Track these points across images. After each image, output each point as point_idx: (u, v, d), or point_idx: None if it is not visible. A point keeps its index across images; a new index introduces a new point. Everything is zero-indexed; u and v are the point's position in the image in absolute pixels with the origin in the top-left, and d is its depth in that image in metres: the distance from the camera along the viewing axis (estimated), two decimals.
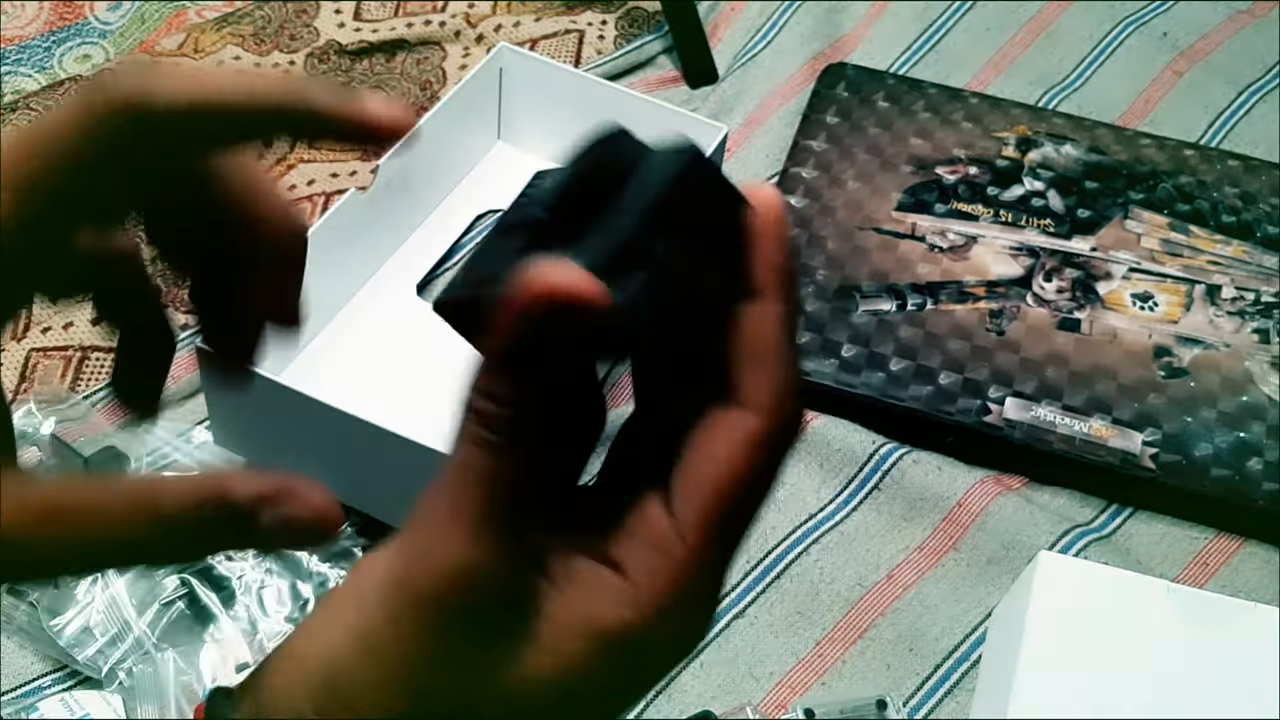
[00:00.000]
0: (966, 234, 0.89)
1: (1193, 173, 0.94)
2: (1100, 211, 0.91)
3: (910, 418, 0.80)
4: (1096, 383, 0.82)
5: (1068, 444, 0.79)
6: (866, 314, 0.84)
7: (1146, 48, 1.07)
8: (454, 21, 1.04)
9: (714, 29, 1.06)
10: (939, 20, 1.08)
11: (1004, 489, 0.79)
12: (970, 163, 0.93)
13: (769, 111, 1.00)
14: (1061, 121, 0.97)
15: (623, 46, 1.05)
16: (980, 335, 0.83)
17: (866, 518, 0.78)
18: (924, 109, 0.97)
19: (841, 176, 0.92)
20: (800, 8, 1.07)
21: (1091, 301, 0.86)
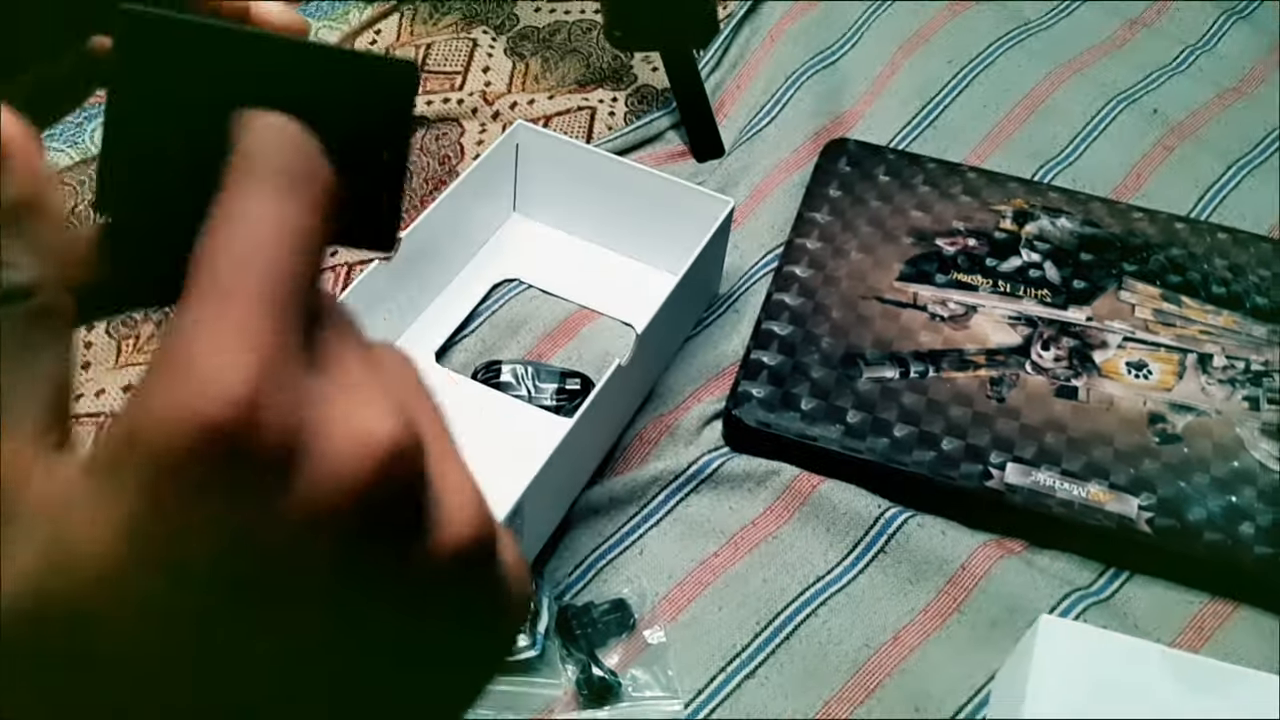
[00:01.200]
0: (966, 304, 0.92)
1: (1184, 245, 0.97)
2: (1095, 282, 0.94)
3: (914, 482, 0.83)
4: (1094, 448, 0.84)
5: (1067, 508, 0.81)
6: (871, 381, 0.87)
7: (1138, 124, 1.11)
8: (471, 99, 1.08)
9: (720, 105, 1.10)
10: (937, 97, 1.11)
11: (1006, 552, 0.81)
12: (969, 235, 0.97)
13: (774, 184, 1.03)
14: (1057, 195, 1.01)
15: (632, 122, 1.08)
16: (981, 402, 0.86)
17: (873, 580, 0.80)
18: (924, 183, 1.00)
19: (845, 247, 0.95)
20: (804, 85, 1.11)
21: (1088, 370, 0.89)
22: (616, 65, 1.13)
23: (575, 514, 0.82)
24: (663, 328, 0.85)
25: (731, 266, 0.96)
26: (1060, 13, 1.21)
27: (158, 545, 0.23)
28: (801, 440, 0.84)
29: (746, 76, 1.12)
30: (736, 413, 0.85)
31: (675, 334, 0.91)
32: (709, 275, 0.93)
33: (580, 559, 0.81)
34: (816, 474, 0.84)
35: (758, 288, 0.95)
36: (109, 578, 0.23)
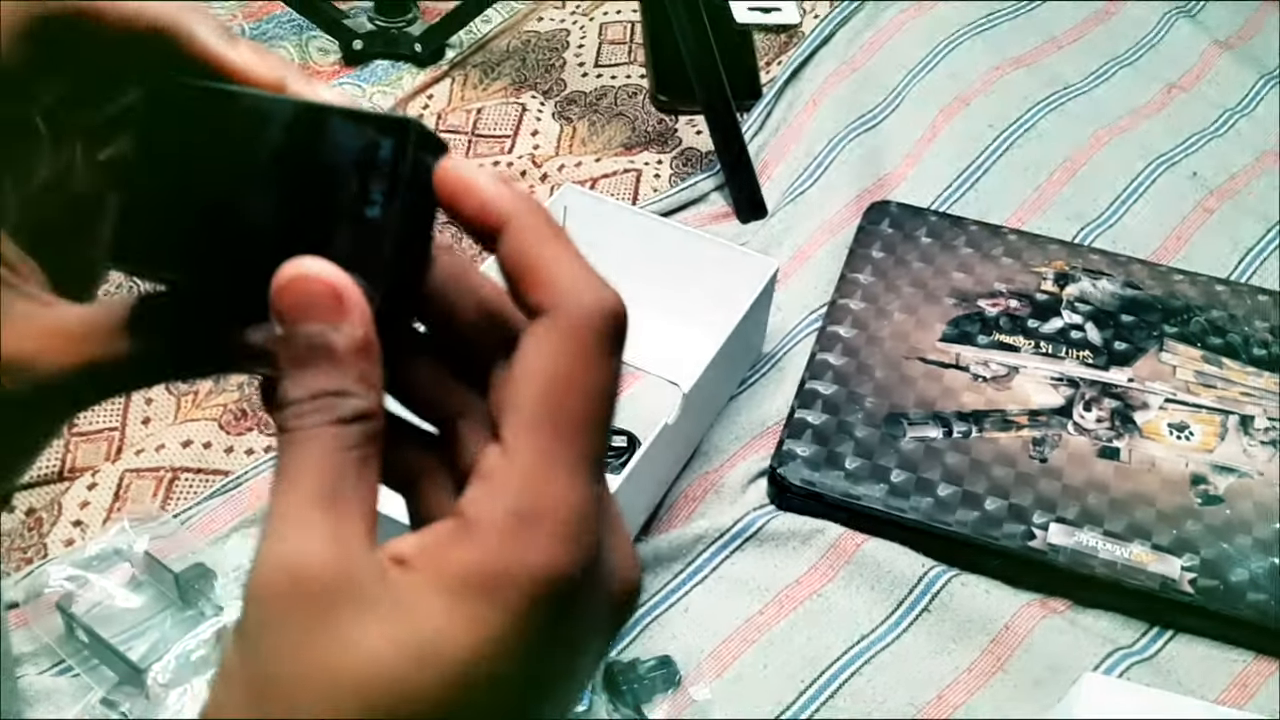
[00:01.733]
0: (1008, 364, 0.93)
1: (1224, 307, 0.98)
2: (1136, 344, 0.95)
3: (958, 542, 0.83)
4: (1136, 509, 0.85)
5: (1110, 569, 0.82)
6: (914, 440, 0.88)
7: (1177, 186, 1.12)
8: (521, 161, 1.10)
9: (763, 167, 1.12)
10: (978, 160, 1.13)
11: (1049, 612, 0.82)
12: (1011, 296, 0.98)
13: (816, 246, 1.05)
14: (1097, 257, 1.02)
15: (677, 184, 1.10)
16: (1024, 462, 0.87)
17: (917, 639, 0.81)
18: (965, 244, 1.02)
19: (887, 308, 0.97)
20: (846, 148, 1.13)
21: (1130, 431, 0.89)
22: (661, 128, 1.16)
23: None
24: (708, 387, 0.87)
25: (775, 326, 0.98)
26: (1099, 77, 1.22)
27: (512, 656, 0.30)
28: (846, 499, 0.85)
29: (789, 139, 1.14)
30: (781, 471, 0.86)
31: (720, 393, 0.93)
32: (753, 335, 0.95)
33: None
34: (860, 533, 0.85)
35: (801, 347, 0.97)
36: (473, 679, 0.29)
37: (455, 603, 0.29)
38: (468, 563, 0.29)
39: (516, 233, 0.32)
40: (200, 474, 0.86)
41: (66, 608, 0.76)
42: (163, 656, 0.75)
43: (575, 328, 0.31)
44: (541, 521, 0.29)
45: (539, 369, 0.30)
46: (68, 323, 0.34)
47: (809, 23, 1.27)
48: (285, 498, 0.30)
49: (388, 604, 0.29)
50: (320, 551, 0.29)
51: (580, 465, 0.30)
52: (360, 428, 0.31)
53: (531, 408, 0.30)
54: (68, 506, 0.84)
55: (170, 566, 0.78)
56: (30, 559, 0.81)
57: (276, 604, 0.29)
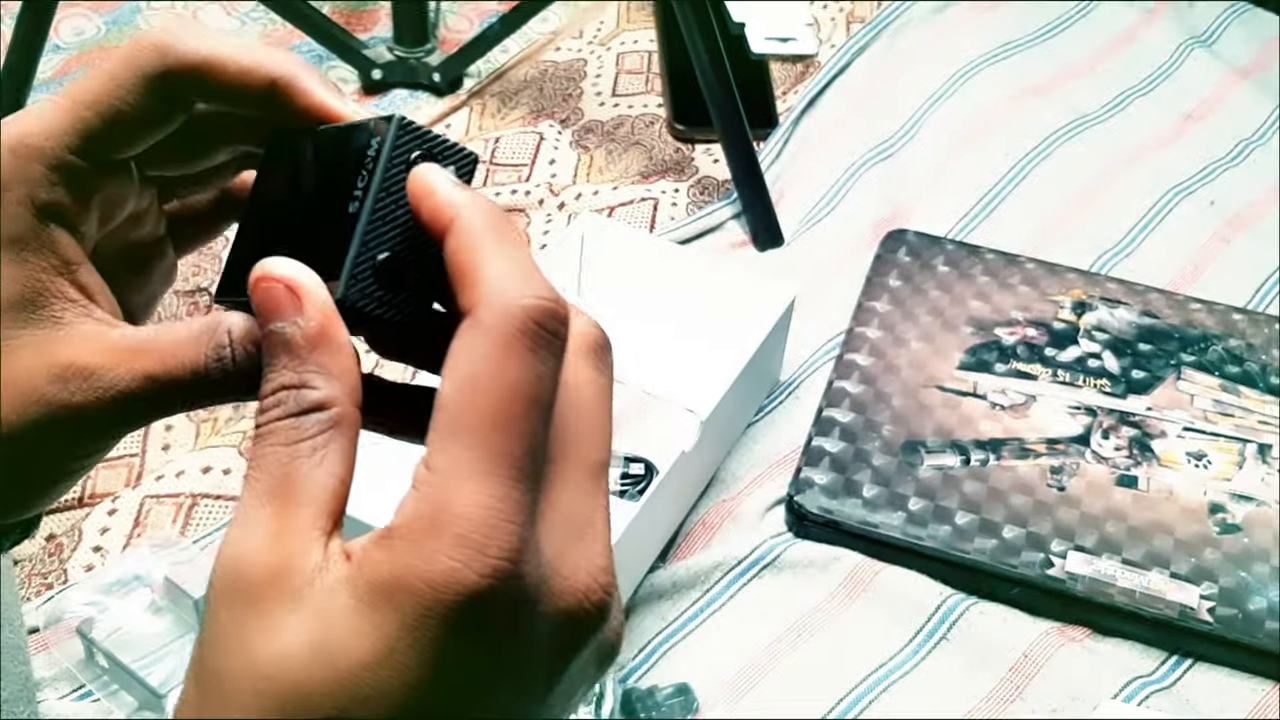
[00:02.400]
0: (1026, 393, 0.93)
1: (1242, 336, 0.98)
2: (1154, 372, 0.95)
3: (976, 570, 0.83)
4: (1154, 538, 0.85)
5: (1128, 597, 0.82)
6: (932, 469, 0.88)
7: (1194, 215, 1.12)
8: (538, 190, 1.11)
9: (780, 196, 1.12)
10: (994, 189, 1.13)
11: (1068, 640, 0.82)
12: (1028, 325, 0.98)
13: (833, 274, 1.05)
14: (1114, 286, 1.02)
15: (695, 213, 1.11)
16: (1042, 491, 0.87)
17: (936, 666, 0.81)
18: (982, 273, 1.02)
19: (905, 336, 0.97)
20: (862, 176, 1.13)
21: (1148, 459, 0.89)
22: (678, 157, 1.16)
23: (639, 598, 0.83)
24: (726, 414, 0.87)
25: (792, 354, 0.98)
26: (1116, 107, 1.23)
27: (406, 669, 0.28)
28: (863, 527, 0.85)
29: (806, 168, 1.15)
30: (799, 499, 0.87)
31: (738, 420, 0.93)
32: (771, 363, 0.95)
33: (644, 642, 0.82)
34: (878, 561, 0.85)
35: (819, 375, 0.97)
36: (365, 689, 0.28)
37: (360, 608, 0.29)
38: (377, 568, 0.29)
39: (456, 232, 0.32)
40: (220, 500, 0.87)
41: (87, 633, 0.76)
42: (182, 682, 0.75)
43: (490, 326, 0.30)
44: (444, 530, 0.28)
45: (454, 371, 0.30)
46: (130, 340, 0.35)
47: (825, 52, 1.28)
48: (243, 493, 0.31)
49: (311, 602, 0.29)
50: (259, 547, 0.30)
51: (495, 469, 0.29)
52: (317, 418, 0.31)
53: (446, 411, 0.30)
54: (88, 532, 0.84)
55: (190, 592, 0.78)
56: (51, 584, 0.82)
57: (218, 599, 0.30)
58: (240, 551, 0.30)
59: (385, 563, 0.29)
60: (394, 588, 0.28)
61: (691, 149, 1.17)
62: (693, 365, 0.97)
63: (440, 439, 0.29)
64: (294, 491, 0.30)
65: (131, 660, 0.76)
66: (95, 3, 1.29)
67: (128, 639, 0.77)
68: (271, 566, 0.30)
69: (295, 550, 0.30)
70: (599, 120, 1.20)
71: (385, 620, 0.28)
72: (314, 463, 0.31)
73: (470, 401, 0.29)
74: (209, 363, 0.35)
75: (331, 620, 0.29)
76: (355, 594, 0.29)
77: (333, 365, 0.32)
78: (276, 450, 0.31)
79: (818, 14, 1.33)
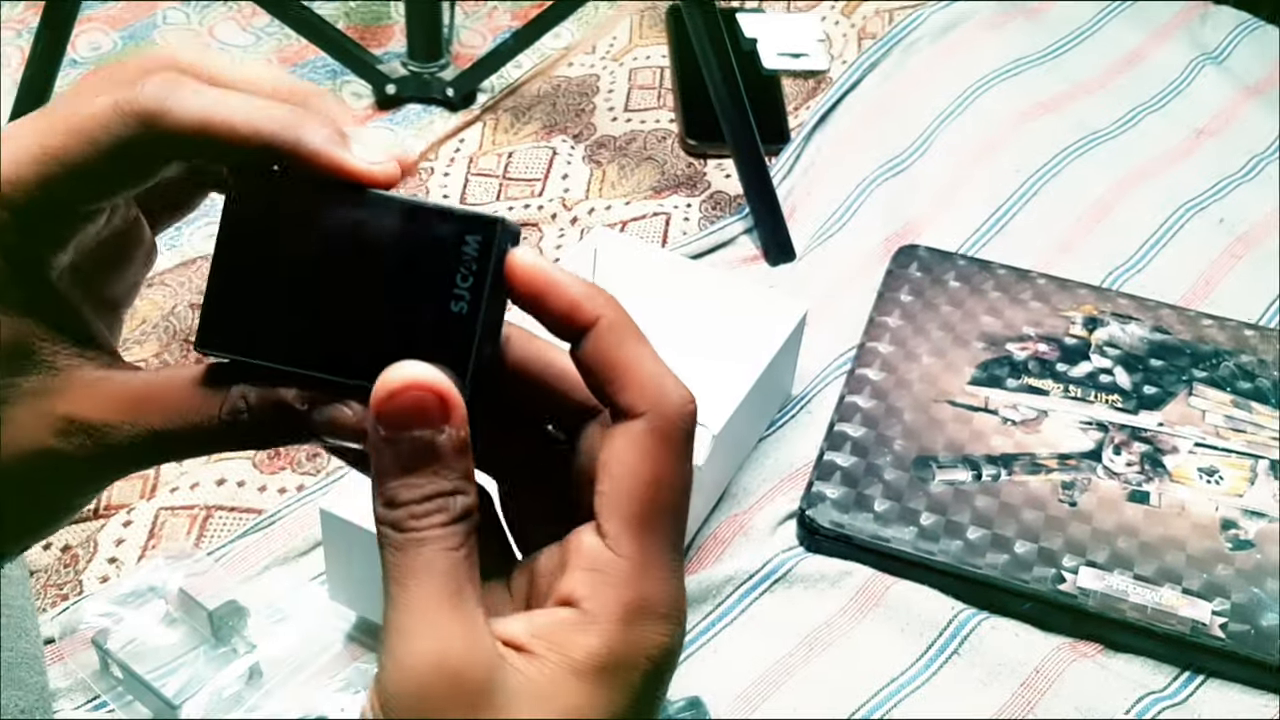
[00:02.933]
0: (1038, 408, 0.93)
1: (1253, 352, 0.98)
2: (1165, 388, 0.95)
3: (988, 585, 0.83)
4: (1166, 553, 0.85)
5: (1140, 613, 0.82)
6: (943, 483, 0.88)
7: (1206, 231, 1.12)
8: (551, 205, 1.11)
9: (791, 211, 1.13)
10: (1005, 204, 1.14)
11: (1080, 655, 0.82)
12: (1040, 340, 0.98)
13: (844, 289, 1.06)
14: (1126, 301, 1.02)
15: (706, 227, 1.11)
16: (1054, 506, 0.87)
17: (947, 681, 0.81)
18: (994, 288, 1.02)
19: (916, 351, 0.97)
20: (874, 192, 1.14)
21: (1159, 475, 0.89)
22: (690, 172, 1.17)
23: None
24: (737, 428, 0.87)
25: (803, 369, 0.98)
26: (1127, 123, 1.23)
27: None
28: (875, 541, 0.85)
29: (817, 183, 1.15)
30: (810, 513, 0.87)
31: (749, 435, 0.93)
32: (783, 377, 0.96)
33: None
34: (890, 575, 0.85)
35: (830, 390, 0.97)
36: None
37: (588, 687, 0.33)
38: (594, 650, 0.33)
39: (605, 333, 0.35)
40: (234, 512, 0.87)
41: (102, 644, 0.77)
42: (196, 693, 0.75)
43: (666, 431, 0.34)
44: (652, 611, 0.34)
45: (636, 470, 0.34)
46: (133, 391, 0.35)
47: (837, 68, 1.28)
48: (414, 597, 0.33)
49: (529, 692, 0.33)
50: (463, 649, 0.32)
51: (674, 552, 0.35)
52: (471, 522, 0.34)
53: (632, 507, 0.34)
54: (103, 543, 0.85)
55: (204, 604, 0.79)
56: (66, 595, 0.82)
57: (435, 702, 0.32)
58: (447, 653, 0.32)
59: (605, 646, 0.33)
60: (620, 666, 0.33)
61: (703, 164, 1.18)
62: (704, 379, 0.97)
63: (631, 531, 0.34)
64: (468, 594, 0.33)
65: (146, 671, 0.76)
66: (118, 4, 1.30)
67: (142, 650, 0.78)
68: (485, 664, 0.32)
69: (491, 647, 0.33)
70: (612, 135, 1.20)
71: (616, 693, 0.33)
72: (472, 564, 0.33)
73: (658, 499, 0.34)
74: (221, 424, 0.35)
75: (560, 703, 0.33)
76: (581, 675, 0.33)
77: (472, 469, 0.34)
78: (445, 555, 0.33)
79: (829, 30, 1.34)
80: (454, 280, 0.34)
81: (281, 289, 0.35)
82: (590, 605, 0.33)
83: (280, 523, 0.87)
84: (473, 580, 0.33)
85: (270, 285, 0.35)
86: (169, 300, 1.00)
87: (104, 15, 1.30)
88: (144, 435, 0.35)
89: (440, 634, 0.32)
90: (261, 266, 0.35)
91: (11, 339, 0.35)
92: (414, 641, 0.32)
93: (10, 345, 0.35)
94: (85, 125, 0.34)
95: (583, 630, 0.33)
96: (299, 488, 0.89)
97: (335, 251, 0.34)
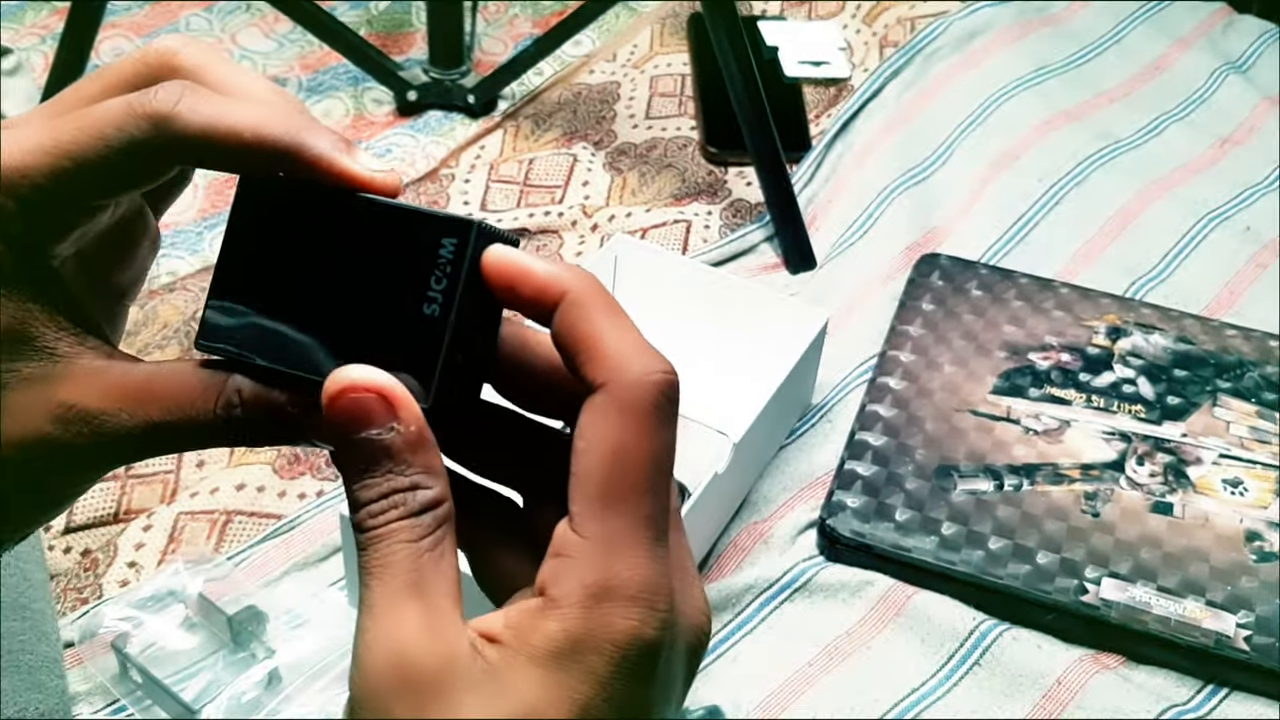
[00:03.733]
0: (1060, 418, 0.93)
1: (1278, 362, 0.98)
2: (1189, 399, 0.95)
3: (1009, 596, 0.83)
4: (1190, 565, 0.84)
5: (1163, 625, 0.81)
6: (965, 493, 0.88)
7: (1230, 241, 1.11)
8: (571, 212, 1.11)
9: (812, 219, 1.12)
10: (1027, 213, 1.13)
11: (1102, 667, 0.81)
12: (1062, 350, 0.98)
13: (865, 297, 1.05)
14: (1149, 311, 1.01)
15: (727, 235, 1.11)
16: (1076, 516, 0.86)
17: (968, 692, 0.80)
18: (1016, 297, 1.02)
19: (938, 360, 0.97)
20: (895, 200, 1.13)
21: (1183, 486, 0.89)
22: (711, 180, 1.17)
23: None
24: (758, 437, 0.87)
25: (824, 377, 0.98)
26: (1150, 132, 1.22)
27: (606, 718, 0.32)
28: (896, 551, 0.85)
29: (839, 191, 1.15)
30: (831, 522, 0.86)
31: (770, 443, 0.93)
32: (803, 385, 0.95)
33: None
34: (911, 585, 0.84)
35: (851, 398, 0.97)
36: None
37: (547, 674, 0.31)
38: (552, 635, 0.31)
39: (569, 307, 0.33)
40: (253, 517, 0.87)
41: (121, 648, 0.77)
42: (215, 698, 0.75)
43: (630, 401, 0.32)
44: (618, 594, 0.32)
45: (598, 445, 0.32)
46: (133, 382, 0.35)
47: (858, 76, 1.28)
48: (375, 593, 0.32)
49: (486, 682, 0.31)
50: (419, 640, 0.31)
51: (646, 530, 0.32)
52: (432, 515, 0.33)
53: (595, 483, 0.32)
54: (123, 548, 0.85)
55: (223, 608, 0.79)
56: (86, 599, 0.82)
57: (388, 695, 0.31)
58: (400, 646, 0.31)
59: (563, 631, 0.31)
60: (581, 651, 0.31)
61: (724, 171, 1.18)
62: (725, 387, 0.97)
63: (592, 509, 0.32)
64: (430, 586, 0.32)
65: (165, 675, 0.76)
66: (141, 10, 1.31)
67: (162, 654, 0.78)
68: (441, 655, 0.31)
69: (453, 638, 0.32)
70: (632, 142, 1.20)
71: (577, 682, 0.31)
72: (437, 556, 0.33)
73: (620, 473, 0.32)
74: (216, 418, 0.35)
75: (521, 690, 0.31)
76: (539, 663, 0.31)
77: (433, 464, 0.33)
78: (403, 548, 0.32)
79: (851, 38, 1.33)
80: (428, 283, 0.34)
81: (278, 291, 0.35)
82: (554, 591, 0.32)
83: (300, 528, 0.87)
84: (441, 572, 0.32)
85: (268, 287, 0.36)
86: (190, 305, 1.00)
87: (127, 22, 1.30)
88: (141, 426, 0.35)
89: (396, 629, 0.32)
90: (261, 268, 0.36)
91: (12, 324, 0.35)
92: (371, 637, 0.32)
93: (11, 330, 0.35)
94: (98, 123, 0.34)
95: (544, 616, 0.32)
96: (319, 493, 0.89)
97: (327, 256, 0.35)
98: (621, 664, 0.32)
